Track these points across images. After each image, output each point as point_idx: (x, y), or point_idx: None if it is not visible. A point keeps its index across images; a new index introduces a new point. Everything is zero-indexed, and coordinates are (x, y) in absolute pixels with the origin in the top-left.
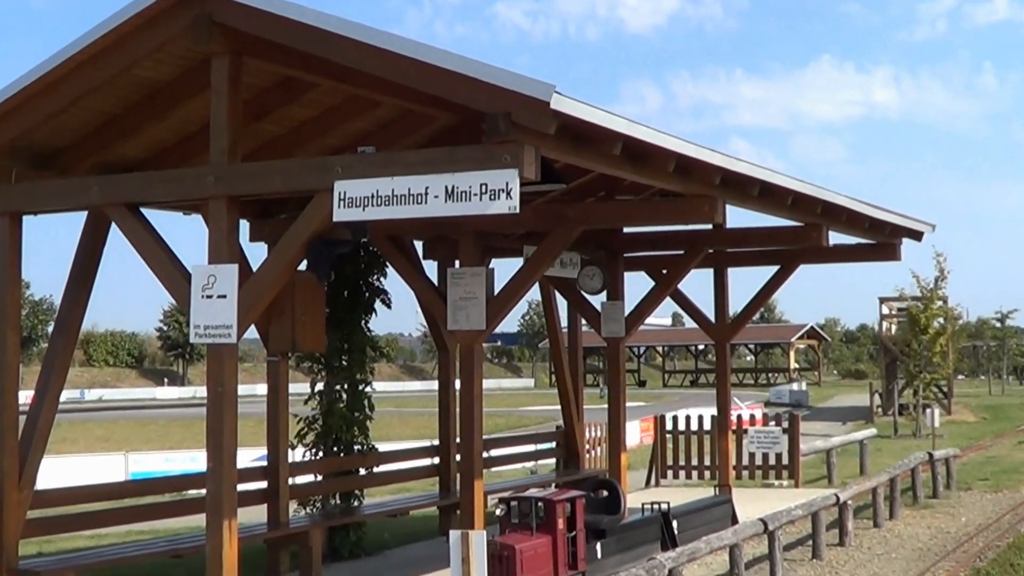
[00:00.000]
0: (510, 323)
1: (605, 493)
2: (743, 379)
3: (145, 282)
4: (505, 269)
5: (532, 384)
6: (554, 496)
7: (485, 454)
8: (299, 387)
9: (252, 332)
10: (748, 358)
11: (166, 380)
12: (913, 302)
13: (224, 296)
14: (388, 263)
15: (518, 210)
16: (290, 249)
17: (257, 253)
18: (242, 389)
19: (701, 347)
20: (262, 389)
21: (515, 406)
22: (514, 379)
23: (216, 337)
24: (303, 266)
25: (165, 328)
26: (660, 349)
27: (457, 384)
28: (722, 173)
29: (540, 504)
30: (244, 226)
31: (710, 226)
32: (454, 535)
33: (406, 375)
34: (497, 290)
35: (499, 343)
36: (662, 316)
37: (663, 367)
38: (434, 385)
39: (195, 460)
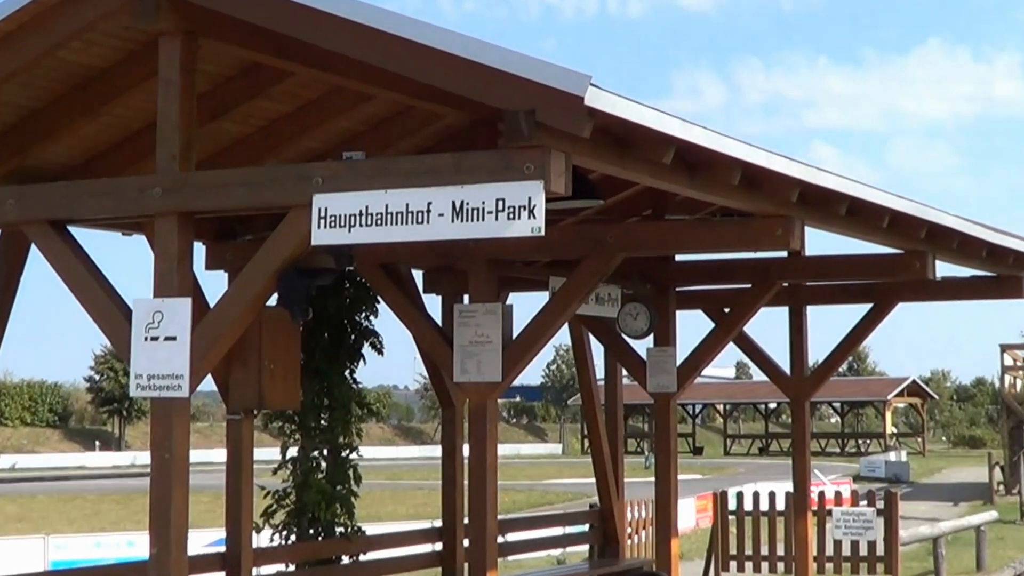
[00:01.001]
0: (532, 374)
1: None
2: (826, 446)
3: (73, 320)
4: (526, 306)
5: (560, 450)
6: None
7: (500, 539)
8: (267, 453)
9: (208, 383)
10: (833, 420)
11: (98, 444)
12: None
13: (173, 338)
14: (380, 298)
15: (543, 232)
16: (257, 280)
17: (215, 284)
18: (195, 455)
19: (773, 405)
20: (220, 455)
21: (538, 478)
22: (537, 444)
23: (163, 390)
24: (273, 301)
25: (97, 378)
26: (721, 408)
27: (466, 450)
28: (800, 187)
29: None
30: (199, 250)
31: (784, 254)
32: None
33: (401, 438)
34: (517, 332)
35: (518, 399)
36: (723, 366)
37: (724, 430)
38: (436, 451)
39: (134, 545)
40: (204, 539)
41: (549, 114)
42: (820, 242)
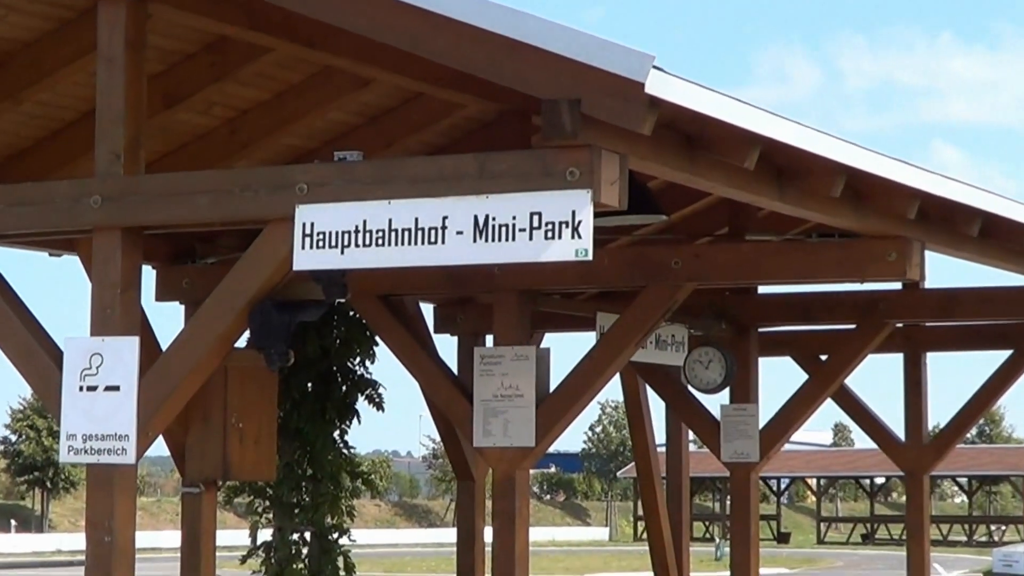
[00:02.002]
0: (572, 438)
1: None
2: (950, 533)
3: None
4: (567, 350)
5: (606, 536)
6: None
7: None
8: (233, 536)
9: (159, 447)
10: (958, 499)
11: (14, 523)
12: None
13: (116, 388)
14: (379, 338)
15: (590, 256)
16: (223, 315)
17: (169, 319)
18: (140, 538)
19: (881, 481)
20: (172, 539)
21: (580, 571)
22: (578, 527)
23: (102, 454)
24: (244, 342)
25: (13, 439)
26: (814, 483)
27: (488, 535)
28: (920, 199)
29: None
30: (149, 276)
31: (898, 285)
32: None
33: (404, 519)
34: (554, 384)
35: (554, 469)
36: (818, 429)
37: (818, 512)
38: (450, 536)
39: None
40: None
41: (599, 104)
42: (944, 271)
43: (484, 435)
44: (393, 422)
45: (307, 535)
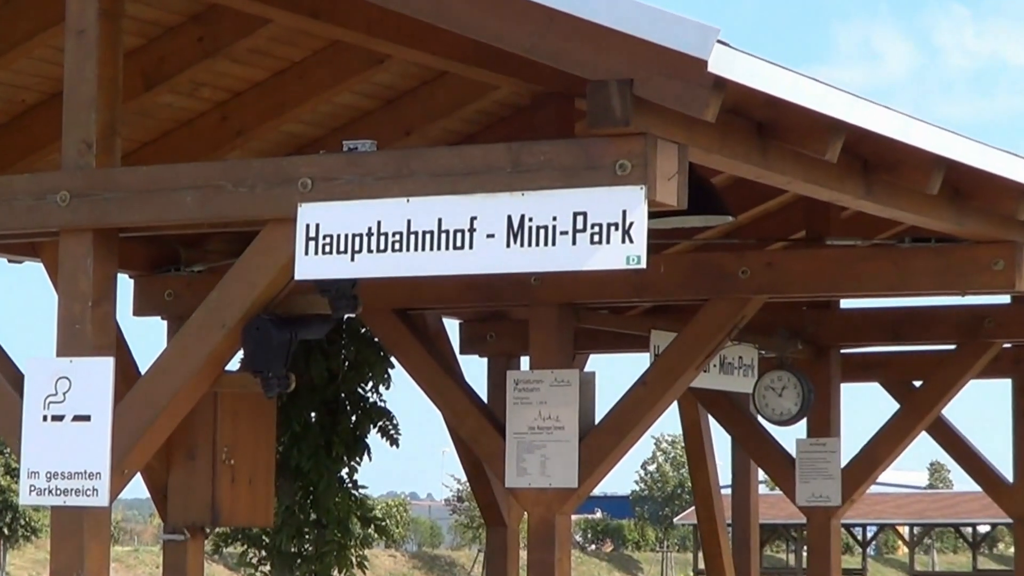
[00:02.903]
0: (621, 478)
1: None
2: None
3: None
4: (616, 374)
5: None
6: None
7: None
8: None
9: (136, 487)
10: None
11: None
12: None
13: (87, 418)
14: (395, 360)
15: (644, 264)
16: (212, 332)
17: (149, 337)
18: None
19: (985, 528)
20: None
21: None
22: None
23: (70, 495)
24: (237, 364)
25: None
26: (906, 531)
27: None
28: None
29: None
30: (126, 286)
31: (1006, 299)
32: None
33: (424, 572)
34: (601, 415)
35: (600, 514)
36: (911, 469)
37: (911, 566)
38: None
39: None
40: None
41: (654, 85)
42: None
43: (518, 474)
44: (411, 459)
45: None
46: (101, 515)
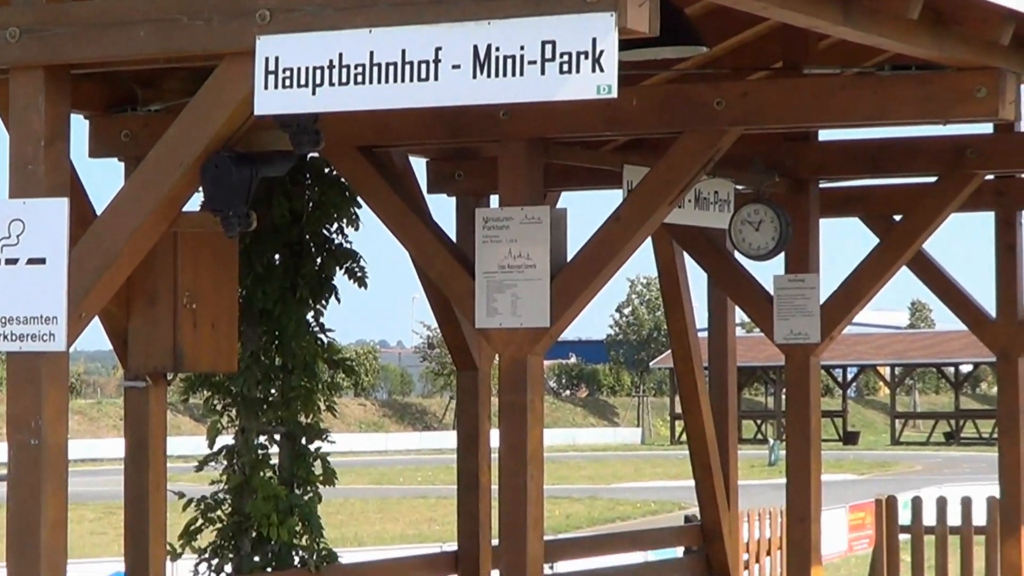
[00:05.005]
0: (596, 322)
1: None
2: None
3: None
4: (588, 211)
5: (638, 438)
6: None
7: (548, 570)
8: (188, 443)
9: (98, 339)
10: None
11: None
12: None
13: (41, 261)
14: (361, 200)
15: (615, 94)
16: (170, 170)
17: (106, 179)
18: (77, 447)
19: (967, 368)
20: (114, 447)
21: (606, 480)
22: (604, 428)
23: (25, 340)
24: (196, 204)
25: None
26: (887, 372)
27: (494, 437)
28: (1016, 21)
29: None
30: (80, 127)
31: (989, 128)
32: None
33: (394, 421)
34: (573, 252)
35: (575, 359)
36: (892, 309)
37: (892, 407)
38: (448, 440)
39: None
40: (90, 574)
41: None
42: None
43: (488, 314)
44: (381, 307)
45: (276, 438)
46: (59, 360)
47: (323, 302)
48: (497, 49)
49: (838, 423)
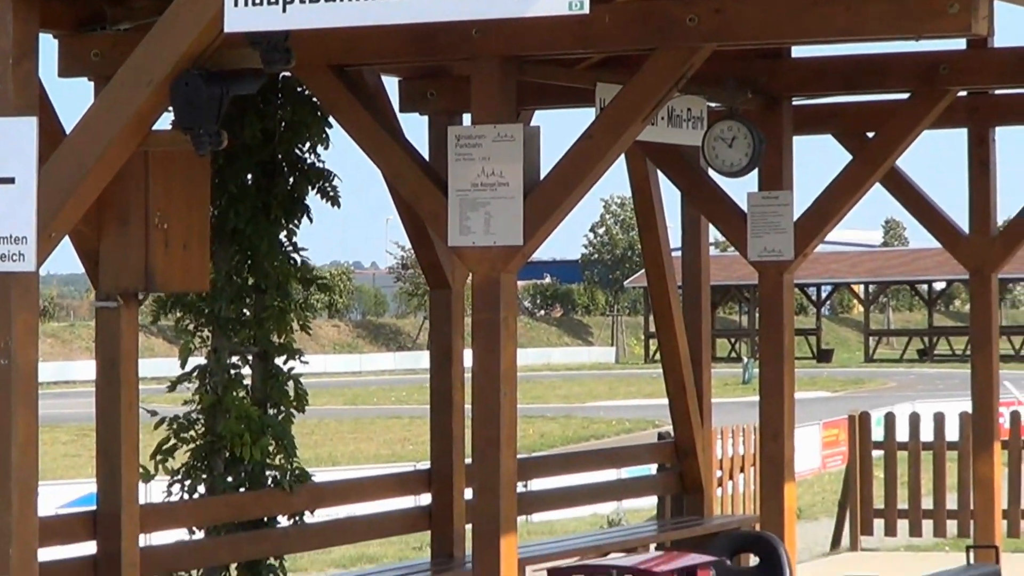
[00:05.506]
0: (569, 241)
1: (755, 561)
2: (1023, 348)
3: None
4: (561, 129)
5: (612, 357)
6: (656, 565)
7: (522, 488)
8: (160, 364)
9: (70, 262)
10: None
11: None
12: None
13: (11, 180)
14: (333, 119)
15: (587, 9)
16: (140, 88)
17: (75, 98)
18: (50, 369)
19: (940, 285)
20: (86, 370)
21: (580, 399)
22: (578, 347)
23: None
24: (167, 123)
25: None
26: (861, 290)
27: (467, 356)
28: None
29: None
30: (49, 46)
31: (962, 44)
32: None
33: (368, 341)
34: (546, 170)
35: (549, 279)
36: (866, 228)
37: (866, 325)
38: (421, 360)
39: None
40: (63, 496)
41: None
42: (1019, 25)
43: (461, 232)
44: (355, 228)
45: (249, 358)
46: (29, 281)
47: (296, 222)
48: None
49: (812, 341)
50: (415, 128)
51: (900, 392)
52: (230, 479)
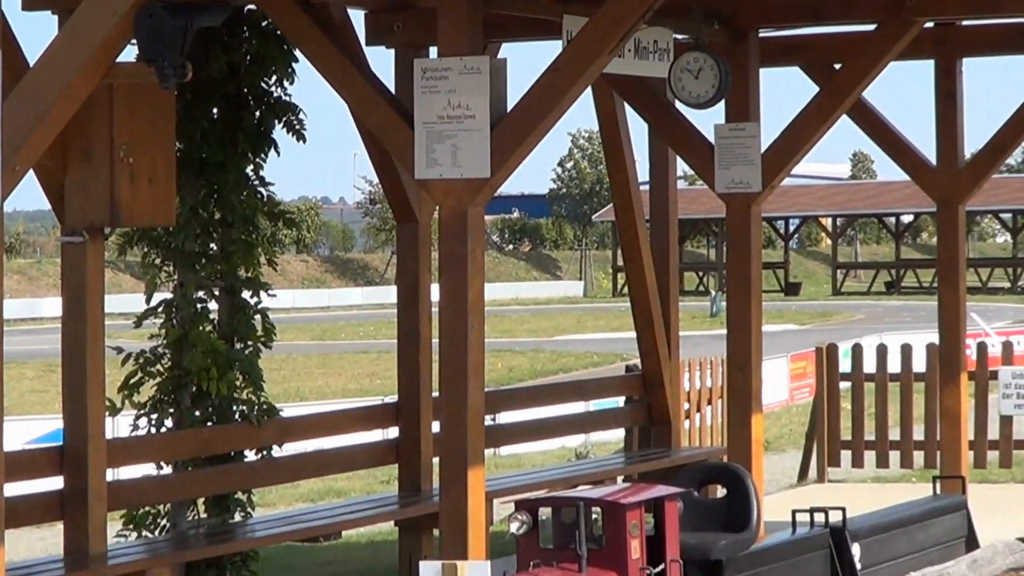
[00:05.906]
0: (537, 176)
1: (722, 492)
2: (990, 279)
3: None
4: (528, 61)
5: (580, 291)
6: (623, 497)
7: (490, 420)
8: (127, 301)
9: (36, 198)
10: (1000, 239)
11: None
12: None
13: None
14: (299, 53)
15: None
16: (103, 19)
17: (39, 30)
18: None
19: (908, 219)
20: (53, 307)
21: (548, 333)
22: (546, 281)
23: None
24: (131, 55)
25: None
26: (829, 223)
27: (435, 290)
28: None
29: (597, 512)
30: None
31: None
32: (428, 569)
33: (336, 276)
34: (513, 102)
35: (517, 213)
36: (834, 161)
37: (834, 258)
38: (388, 294)
39: None
40: (30, 431)
41: None
42: None
43: (428, 165)
44: (322, 163)
45: (215, 292)
46: None
47: (263, 155)
48: None
49: (780, 274)
50: (381, 61)
51: (868, 324)
52: (197, 413)
